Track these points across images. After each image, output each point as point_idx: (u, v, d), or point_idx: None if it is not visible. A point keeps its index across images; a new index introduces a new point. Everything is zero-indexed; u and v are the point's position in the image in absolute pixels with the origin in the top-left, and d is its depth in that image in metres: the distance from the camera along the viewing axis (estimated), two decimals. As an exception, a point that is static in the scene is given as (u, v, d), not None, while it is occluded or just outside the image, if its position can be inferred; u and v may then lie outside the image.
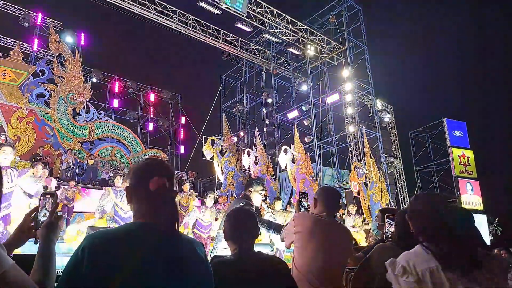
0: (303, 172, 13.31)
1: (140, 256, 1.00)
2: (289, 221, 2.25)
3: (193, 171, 15.31)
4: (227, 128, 14.83)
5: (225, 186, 13.71)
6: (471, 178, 17.14)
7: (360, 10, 15.75)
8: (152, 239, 1.05)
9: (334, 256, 2.10)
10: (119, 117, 16.52)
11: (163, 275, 1.01)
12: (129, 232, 1.07)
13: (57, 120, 13.70)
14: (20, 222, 1.25)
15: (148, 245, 1.03)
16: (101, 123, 15.14)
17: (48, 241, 1.15)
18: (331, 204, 2.28)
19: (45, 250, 1.13)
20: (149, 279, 1.00)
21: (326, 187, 2.53)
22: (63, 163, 12.10)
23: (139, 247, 1.02)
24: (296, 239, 2.13)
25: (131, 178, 1.17)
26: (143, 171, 1.16)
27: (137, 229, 1.08)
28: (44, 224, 1.19)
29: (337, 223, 2.36)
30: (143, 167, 1.18)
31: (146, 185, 1.11)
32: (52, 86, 13.70)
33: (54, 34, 13.84)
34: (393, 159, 15.50)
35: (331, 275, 2.06)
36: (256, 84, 17.84)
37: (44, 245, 1.14)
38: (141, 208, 1.12)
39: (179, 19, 13.68)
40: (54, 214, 1.22)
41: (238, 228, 1.66)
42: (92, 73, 15.45)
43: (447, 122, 17.43)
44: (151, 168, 1.16)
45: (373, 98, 15.85)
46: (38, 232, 1.19)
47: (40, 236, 1.17)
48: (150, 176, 1.12)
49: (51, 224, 1.19)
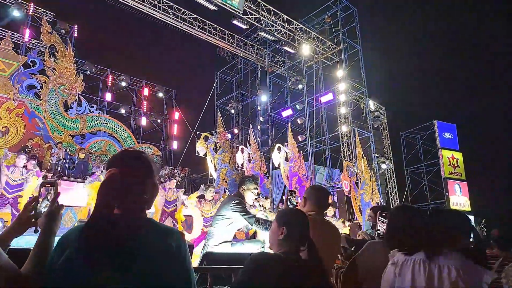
0: (296, 171, 13.37)
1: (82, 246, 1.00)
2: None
3: (185, 167, 15.24)
4: (221, 124, 14.78)
5: (218, 183, 13.68)
6: (460, 179, 17.48)
7: (355, 11, 15.88)
8: (96, 228, 1.02)
9: (324, 254, 2.13)
10: (112, 111, 16.32)
11: (98, 267, 0.97)
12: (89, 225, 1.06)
13: (48, 112, 13.47)
14: (20, 211, 1.24)
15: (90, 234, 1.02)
16: (93, 117, 14.93)
17: (49, 231, 1.14)
18: (320, 202, 2.32)
19: (44, 240, 1.11)
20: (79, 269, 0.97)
21: (315, 186, 2.57)
22: (52, 156, 11.91)
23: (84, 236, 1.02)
24: None
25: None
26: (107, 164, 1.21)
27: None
28: (45, 213, 1.18)
29: (327, 221, 2.39)
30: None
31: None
32: (43, 78, 13.45)
33: (46, 25, 13.58)
34: (384, 159, 15.67)
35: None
36: (251, 82, 17.84)
37: (44, 236, 1.13)
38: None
39: (175, 13, 13.57)
40: (55, 204, 1.20)
41: (300, 230, 1.58)
42: (85, 66, 15.22)
43: (437, 124, 17.73)
44: (110, 161, 1.19)
45: (366, 98, 16.01)
46: (39, 221, 1.18)
47: (41, 225, 1.16)
48: (107, 168, 1.15)
49: (52, 214, 1.17)
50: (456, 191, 17.20)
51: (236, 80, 18.47)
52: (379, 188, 14.73)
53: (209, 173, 14.50)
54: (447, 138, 17.86)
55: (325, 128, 16.00)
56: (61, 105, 13.84)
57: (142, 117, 17.34)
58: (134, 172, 1.12)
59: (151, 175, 1.16)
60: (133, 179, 1.11)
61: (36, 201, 1.22)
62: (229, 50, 16.17)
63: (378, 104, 17.74)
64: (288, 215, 1.69)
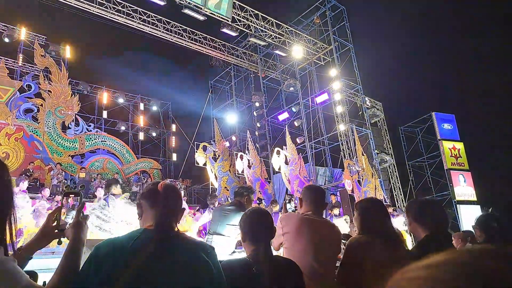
0: (297, 173, 13.34)
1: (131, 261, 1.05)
2: (276, 224, 2.27)
3: (186, 179, 15.24)
4: (218, 133, 14.81)
5: (220, 192, 13.67)
6: (463, 169, 17.32)
7: (343, 9, 15.92)
8: (145, 244, 1.10)
9: (323, 253, 2.13)
10: (109, 128, 16.40)
11: (142, 279, 1.03)
12: (131, 238, 1.14)
13: (46, 134, 13.56)
14: (43, 223, 1.20)
15: (140, 250, 1.08)
16: (91, 135, 15.02)
17: (78, 241, 1.11)
18: (316, 202, 2.31)
19: (73, 250, 1.09)
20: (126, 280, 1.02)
21: (310, 186, 2.56)
22: (53, 178, 11.96)
23: (133, 253, 1.07)
24: (284, 239, 2.15)
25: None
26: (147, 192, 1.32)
27: (139, 234, 1.16)
28: (72, 224, 1.15)
29: (324, 220, 2.38)
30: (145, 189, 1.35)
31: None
32: (40, 101, 13.57)
33: (39, 48, 13.73)
34: (385, 155, 15.60)
35: (322, 272, 2.08)
36: (245, 88, 17.89)
37: (73, 245, 1.10)
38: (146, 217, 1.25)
39: (165, 27, 13.68)
40: (81, 214, 1.19)
41: (257, 228, 1.60)
42: (80, 85, 15.34)
43: (436, 116, 17.62)
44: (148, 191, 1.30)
45: (362, 95, 15.99)
46: (66, 232, 1.16)
47: (69, 236, 1.14)
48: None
49: (79, 224, 1.15)
50: (460, 181, 17.04)
51: (230, 88, 18.53)
52: (382, 185, 14.64)
53: (210, 182, 14.50)
54: (446, 129, 17.74)
55: (323, 128, 15.98)
56: (58, 126, 13.94)
57: (139, 132, 17.41)
58: (178, 200, 1.30)
59: (181, 200, 1.35)
60: (178, 205, 1.29)
61: (59, 211, 1.20)
62: (221, 58, 16.25)
63: (374, 100, 17.72)
64: (242, 218, 1.67)
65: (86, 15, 12.19)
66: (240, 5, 13.11)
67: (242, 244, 1.63)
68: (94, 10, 11.95)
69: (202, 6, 11.73)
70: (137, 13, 12.84)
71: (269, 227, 1.65)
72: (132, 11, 12.73)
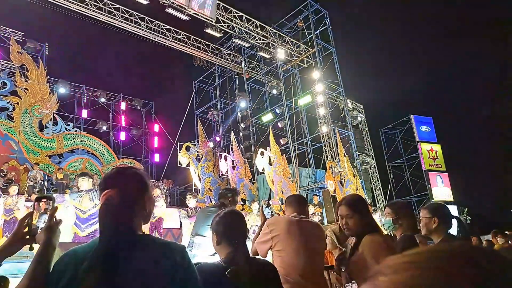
0: (281, 174, 13.41)
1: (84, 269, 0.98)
2: (262, 230, 2.29)
3: (169, 180, 15.04)
4: (202, 133, 14.70)
5: (203, 193, 13.56)
6: (440, 171, 17.90)
7: (326, 13, 16.19)
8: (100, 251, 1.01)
9: (314, 251, 2.19)
10: (89, 128, 16.00)
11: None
12: (91, 246, 1.05)
13: (22, 134, 13.08)
14: (14, 229, 1.16)
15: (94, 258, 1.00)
16: (70, 135, 14.59)
17: (48, 245, 1.08)
18: (299, 205, 2.42)
19: (43, 254, 1.06)
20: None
21: (291, 196, 2.65)
22: (30, 179, 11.54)
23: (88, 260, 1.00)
24: (274, 243, 2.16)
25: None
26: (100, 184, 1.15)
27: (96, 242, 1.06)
28: (44, 228, 1.12)
29: (309, 219, 2.43)
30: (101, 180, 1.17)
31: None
32: (15, 99, 13.08)
33: (16, 45, 13.26)
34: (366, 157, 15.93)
35: (312, 270, 2.14)
36: (230, 89, 17.88)
37: (43, 250, 1.07)
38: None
39: (147, 25, 13.50)
40: (53, 218, 1.15)
41: (234, 230, 1.56)
42: (59, 84, 14.90)
43: (414, 118, 18.16)
44: (104, 182, 1.14)
45: (344, 98, 16.28)
46: (37, 237, 1.12)
47: (39, 241, 1.10)
48: (102, 189, 1.11)
49: (51, 228, 1.12)
50: (438, 182, 17.60)
51: (215, 88, 18.46)
52: (363, 185, 14.93)
53: (193, 183, 14.36)
54: (424, 131, 18.31)
55: (306, 130, 16.16)
56: (35, 125, 13.48)
57: (120, 131, 17.07)
58: (132, 190, 1.11)
59: (147, 188, 1.16)
60: (132, 196, 1.10)
61: (30, 216, 1.15)
62: (205, 58, 16.18)
63: (356, 102, 18.07)
64: (214, 221, 1.62)
65: (66, 12, 11.89)
66: (224, 6, 13.11)
67: (215, 247, 1.57)
68: (74, 7, 11.67)
69: (185, 6, 11.65)
70: (119, 11, 12.62)
71: (245, 228, 1.64)
72: (114, 9, 12.50)
